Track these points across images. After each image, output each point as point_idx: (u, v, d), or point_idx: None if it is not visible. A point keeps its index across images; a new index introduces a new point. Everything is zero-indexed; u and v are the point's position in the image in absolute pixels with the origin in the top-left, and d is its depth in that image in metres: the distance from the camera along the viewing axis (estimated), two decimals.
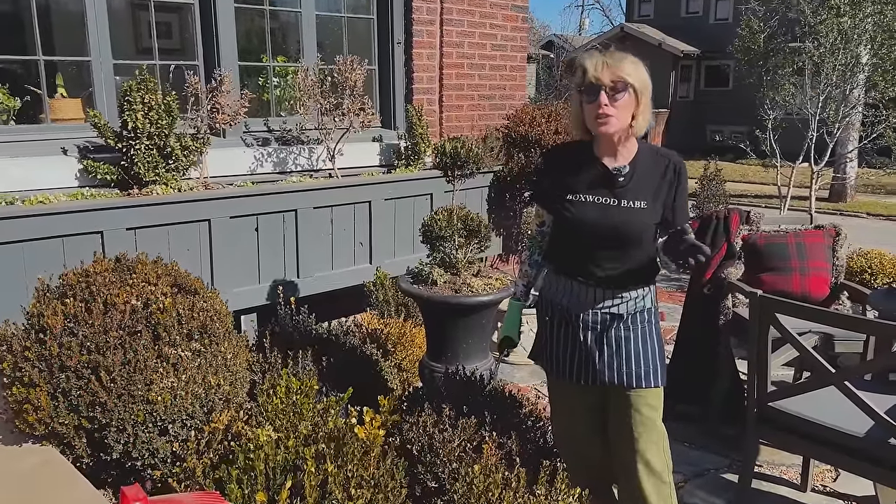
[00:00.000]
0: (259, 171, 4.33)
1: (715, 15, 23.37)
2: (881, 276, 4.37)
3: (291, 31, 4.86)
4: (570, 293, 2.18)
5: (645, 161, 2.11)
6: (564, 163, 2.20)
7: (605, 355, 2.14)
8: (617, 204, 2.08)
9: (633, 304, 2.15)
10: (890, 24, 6.64)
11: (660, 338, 2.19)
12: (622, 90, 1.97)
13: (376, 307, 4.34)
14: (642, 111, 2.03)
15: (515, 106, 5.67)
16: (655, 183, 2.09)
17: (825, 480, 3.25)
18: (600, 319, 2.15)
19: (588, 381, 2.18)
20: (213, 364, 2.69)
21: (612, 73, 1.97)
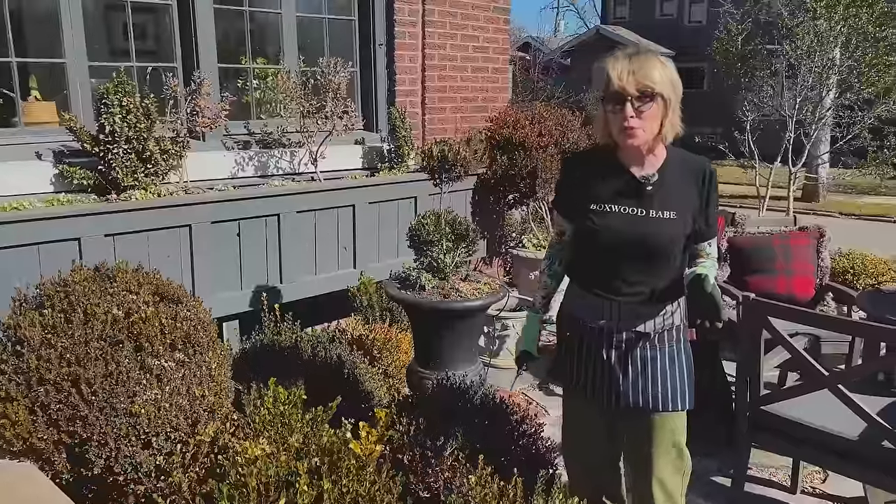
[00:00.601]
0: (240, 174, 4.25)
1: (689, 17, 23.61)
2: (864, 276, 4.40)
3: (271, 32, 4.78)
4: (593, 308, 2.06)
5: (674, 168, 1.98)
6: (587, 169, 2.08)
7: (630, 376, 2.01)
8: (645, 214, 1.95)
9: (661, 321, 2.01)
10: (864, 26, 6.73)
11: (689, 357, 2.06)
12: (649, 100, 1.84)
13: (361, 312, 4.28)
14: (671, 117, 1.90)
15: (498, 108, 5.65)
16: (685, 191, 1.96)
17: (814, 482, 3.26)
18: (625, 338, 2.02)
19: (609, 403, 2.06)
20: (198, 374, 2.62)
21: (637, 81, 1.83)
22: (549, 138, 4.91)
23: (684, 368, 2.02)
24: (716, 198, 2.00)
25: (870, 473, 2.51)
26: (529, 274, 5.08)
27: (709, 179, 1.97)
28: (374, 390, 3.29)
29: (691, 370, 2.04)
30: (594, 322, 2.05)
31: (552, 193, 5.24)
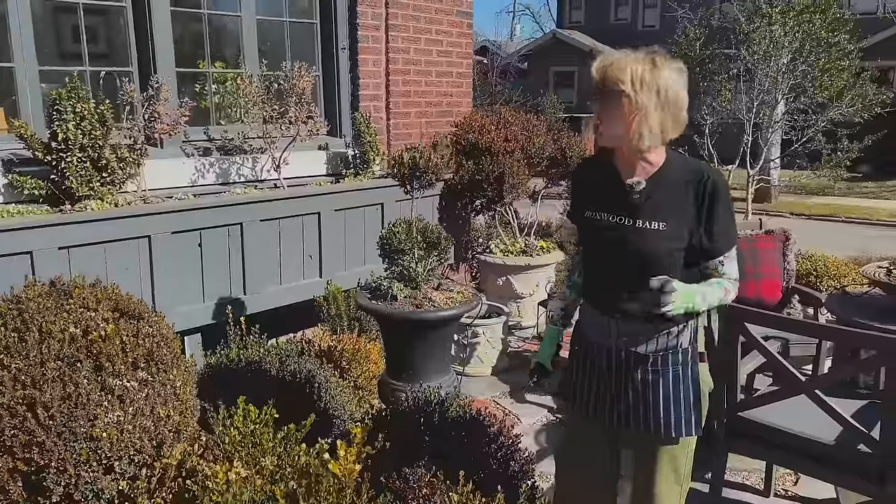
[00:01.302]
0: (201, 182, 4.11)
1: (643, 22, 24.00)
2: (826, 278, 4.48)
3: (230, 36, 4.65)
4: (597, 324, 1.99)
5: (670, 176, 1.85)
6: (588, 176, 2.04)
7: (631, 398, 1.93)
8: (632, 224, 1.86)
9: (664, 341, 1.91)
10: (817, 32, 6.89)
11: (696, 381, 1.93)
12: (611, 99, 1.77)
13: (328, 322, 4.18)
14: (642, 121, 1.76)
15: (463, 113, 5.60)
16: (679, 202, 1.83)
17: (786, 484, 3.28)
18: (624, 359, 1.94)
19: (611, 423, 1.98)
20: (162, 394, 2.50)
21: (605, 80, 1.77)
22: (515, 143, 4.88)
23: (690, 393, 1.91)
24: (722, 212, 1.82)
25: (844, 477, 2.52)
26: (497, 279, 5.04)
27: (710, 191, 1.81)
28: (345, 404, 3.20)
29: (699, 395, 1.93)
30: (597, 339, 1.99)
31: (520, 198, 5.23)
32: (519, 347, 4.85)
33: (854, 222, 11.76)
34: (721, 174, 1.91)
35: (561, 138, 5.20)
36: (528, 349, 4.84)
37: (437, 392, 2.90)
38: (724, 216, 1.84)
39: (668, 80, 1.78)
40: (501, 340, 4.41)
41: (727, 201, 1.84)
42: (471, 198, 5.06)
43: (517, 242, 5.12)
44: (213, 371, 3.18)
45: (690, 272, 1.88)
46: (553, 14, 30.46)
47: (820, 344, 3.35)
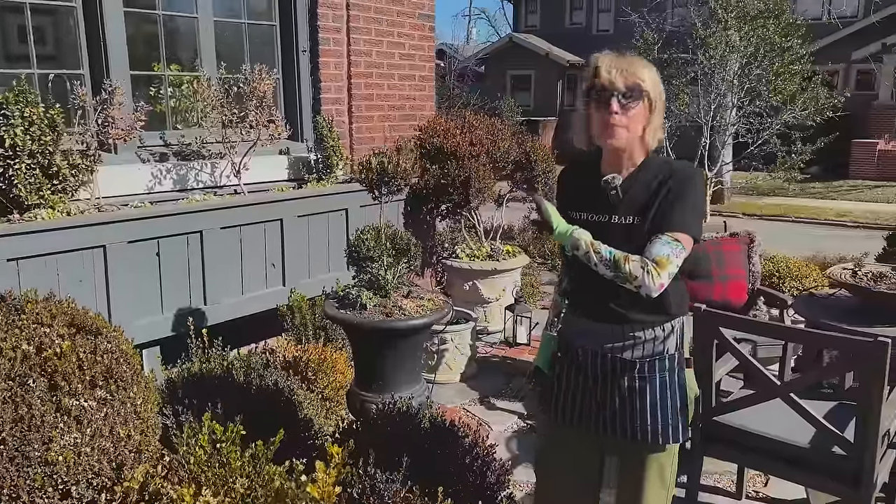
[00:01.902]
0: (157, 189, 3.97)
1: (597, 26, 24.30)
2: (789, 279, 4.54)
3: (186, 38, 4.51)
4: (581, 330, 1.97)
5: (648, 171, 1.86)
6: (572, 178, 2.03)
7: (617, 405, 1.90)
8: (607, 219, 1.86)
9: (650, 347, 1.88)
10: (771, 37, 7.03)
11: (683, 388, 1.92)
12: (636, 98, 1.76)
13: (292, 331, 4.07)
14: (654, 123, 1.81)
15: (426, 116, 5.55)
16: (648, 196, 1.83)
17: (756, 486, 3.30)
18: (610, 366, 1.90)
19: (596, 431, 1.95)
20: (122, 413, 2.38)
21: (626, 77, 1.75)
22: (480, 147, 4.84)
23: (677, 399, 1.90)
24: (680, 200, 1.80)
25: (818, 479, 2.53)
26: (464, 284, 4.99)
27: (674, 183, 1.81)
28: (313, 417, 3.11)
29: (685, 401, 1.92)
30: (583, 344, 1.96)
31: (486, 202, 5.19)
32: (487, 353, 4.81)
33: (803, 222, 12.07)
34: (697, 171, 1.90)
35: (525, 142, 5.19)
36: (496, 354, 4.80)
37: (408, 403, 2.84)
38: (679, 205, 1.81)
39: (660, 83, 1.83)
40: (470, 346, 4.36)
41: (691, 195, 1.82)
42: (436, 202, 5.00)
43: (483, 247, 5.08)
44: (174, 386, 3.05)
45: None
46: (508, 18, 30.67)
47: (786, 346, 3.38)
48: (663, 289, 1.77)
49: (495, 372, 4.52)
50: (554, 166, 5.25)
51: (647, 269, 1.74)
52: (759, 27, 6.91)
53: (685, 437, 1.93)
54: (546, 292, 6.27)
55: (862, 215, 13.05)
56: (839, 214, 13.18)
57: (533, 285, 5.79)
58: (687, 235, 1.80)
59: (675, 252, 1.76)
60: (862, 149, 16.92)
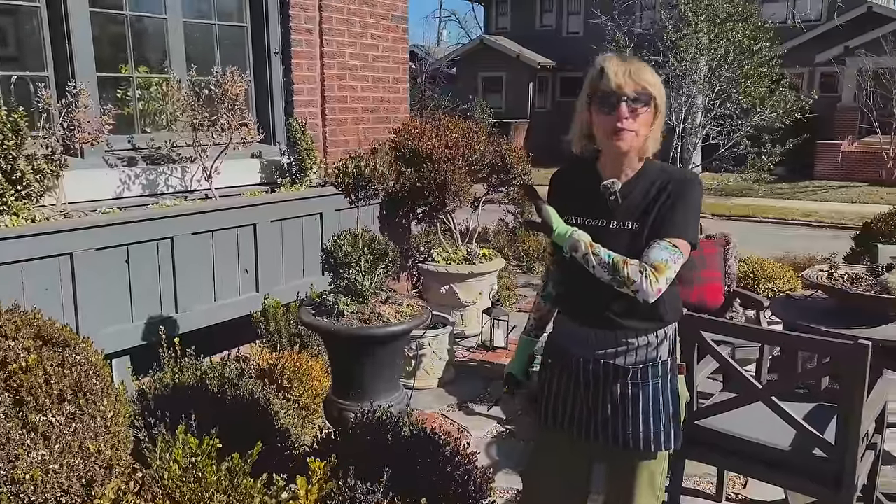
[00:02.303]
0: (126, 194, 3.87)
1: (567, 29, 24.44)
2: (763, 280, 4.58)
3: (155, 39, 4.40)
4: (572, 335, 1.94)
5: (647, 177, 1.84)
6: (567, 182, 1.99)
7: (609, 411, 1.87)
8: (606, 224, 1.84)
9: (643, 353, 1.86)
10: (740, 40, 7.11)
11: (675, 393, 1.90)
12: (645, 102, 1.75)
13: (266, 338, 4.00)
14: (656, 128, 1.80)
15: (400, 119, 5.50)
16: (649, 202, 1.81)
17: (736, 488, 3.30)
18: (602, 372, 1.88)
19: (588, 438, 1.92)
20: (92, 427, 2.29)
21: (635, 81, 1.73)
22: (456, 150, 4.80)
23: (669, 406, 1.88)
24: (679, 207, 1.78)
25: (796, 480, 2.53)
26: (440, 288, 4.95)
27: (674, 189, 1.79)
28: (290, 427, 3.04)
29: (678, 408, 1.91)
30: (575, 350, 1.93)
31: (462, 205, 5.16)
32: (464, 357, 4.77)
33: (771, 222, 12.27)
34: (695, 177, 1.87)
35: (501, 145, 5.17)
36: (474, 358, 4.77)
37: (388, 411, 2.79)
38: (679, 211, 1.79)
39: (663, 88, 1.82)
40: (448, 351, 4.32)
41: (690, 201, 1.81)
42: (412, 206, 4.95)
43: (460, 250, 5.05)
44: (146, 397, 2.96)
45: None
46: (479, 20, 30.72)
47: (762, 347, 3.40)
48: (660, 294, 1.74)
49: (473, 376, 4.49)
50: (529, 169, 5.25)
51: (645, 273, 1.71)
52: (729, 30, 6.99)
53: (677, 445, 1.90)
54: (522, 295, 6.26)
55: (827, 215, 13.31)
56: (805, 214, 13.42)
57: (509, 288, 5.77)
58: (685, 241, 1.78)
59: (673, 258, 1.75)
60: (826, 150, 17.25)
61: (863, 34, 17.30)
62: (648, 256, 1.74)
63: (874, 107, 16.17)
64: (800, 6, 19.32)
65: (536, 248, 7.35)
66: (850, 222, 12.23)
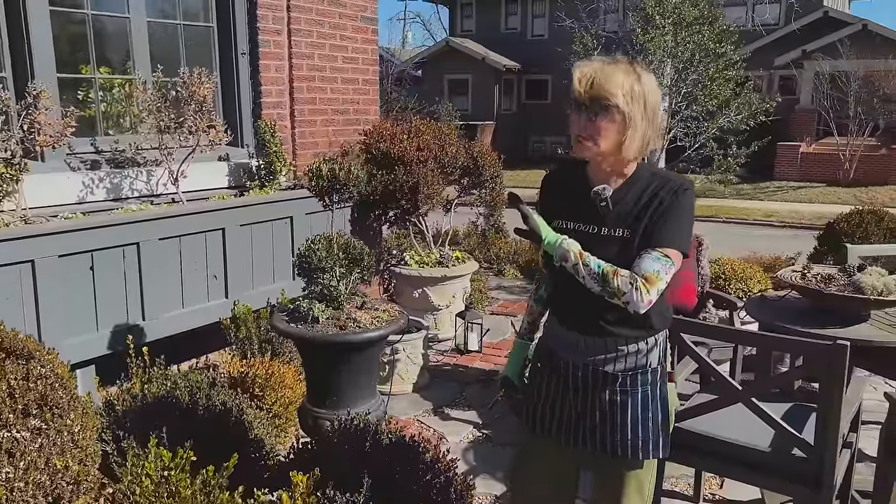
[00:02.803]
0: (89, 199, 3.74)
1: (532, 32, 24.58)
2: (734, 280, 4.63)
3: (117, 39, 4.28)
4: (562, 340, 1.91)
5: (639, 183, 1.80)
6: (558, 184, 1.95)
7: (598, 418, 1.84)
8: (597, 231, 1.80)
9: (633, 360, 1.83)
10: (706, 43, 7.21)
11: (664, 402, 1.87)
12: (602, 111, 1.70)
13: (236, 345, 3.91)
14: (633, 134, 1.72)
15: (370, 121, 5.44)
16: (641, 210, 1.77)
17: (713, 488, 3.32)
18: (591, 378, 1.85)
19: (576, 445, 1.89)
20: (59, 442, 2.20)
21: (594, 90, 1.69)
22: (428, 152, 4.76)
23: (658, 414, 1.85)
24: (671, 215, 1.74)
25: (776, 481, 2.54)
26: (413, 292, 4.91)
27: (666, 196, 1.75)
28: (264, 437, 2.96)
29: (667, 416, 1.88)
30: (565, 356, 1.90)
31: (435, 208, 5.12)
32: (438, 361, 4.73)
33: (734, 222, 12.47)
34: (688, 184, 1.82)
35: (473, 147, 5.14)
36: (448, 363, 4.73)
37: (365, 419, 2.74)
38: (671, 220, 1.75)
39: (652, 91, 1.76)
40: (422, 356, 4.28)
41: (683, 210, 1.76)
42: (384, 209, 4.90)
43: (432, 253, 5.01)
44: (113, 409, 2.87)
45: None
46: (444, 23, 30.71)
47: (736, 347, 3.43)
48: (651, 305, 1.72)
49: (448, 381, 4.45)
50: (501, 171, 5.23)
51: (635, 285, 1.68)
52: (695, 33, 7.07)
53: (665, 453, 1.88)
54: (494, 298, 6.25)
55: (787, 215, 13.59)
56: (766, 215, 13.68)
57: (481, 291, 5.75)
58: (677, 251, 1.75)
59: (664, 268, 1.72)
60: (786, 151, 17.62)
61: (819, 38, 17.73)
62: (639, 267, 1.71)
63: (831, 109, 16.57)
64: (759, 10, 19.72)
65: (507, 250, 7.34)
66: (808, 222, 12.50)
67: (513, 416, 3.78)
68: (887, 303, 2.87)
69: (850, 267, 3.07)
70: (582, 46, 8.06)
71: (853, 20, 18.34)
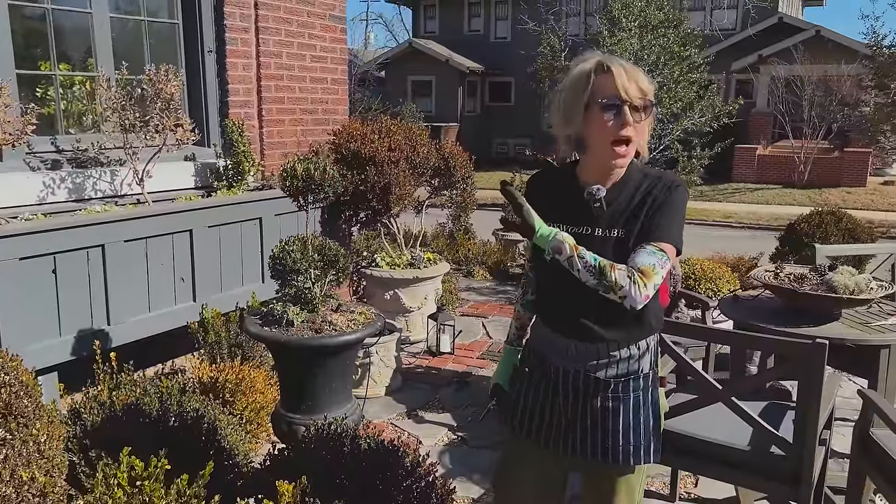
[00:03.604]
0: (51, 199, 3.61)
1: (495, 34, 24.66)
2: (704, 280, 4.68)
3: (78, 34, 4.14)
4: (551, 345, 1.87)
5: (631, 183, 1.77)
6: (546, 188, 1.90)
7: (589, 424, 1.81)
8: (590, 233, 1.75)
9: (625, 366, 1.79)
10: (671, 46, 7.30)
11: (656, 406, 1.84)
12: (646, 110, 1.67)
13: (205, 349, 3.81)
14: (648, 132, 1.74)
15: (339, 121, 5.37)
16: (635, 208, 1.74)
17: (687, 486, 3.34)
18: (581, 384, 1.81)
19: (565, 451, 1.85)
20: (24, 453, 2.11)
21: (642, 88, 1.65)
22: (399, 153, 4.71)
23: (650, 419, 1.82)
24: (664, 211, 1.72)
25: (754, 479, 2.56)
26: (385, 294, 4.85)
27: (660, 193, 1.73)
28: (237, 444, 2.89)
29: (658, 421, 1.85)
30: (554, 361, 1.86)
31: (406, 209, 5.07)
32: (410, 364, 4.69)
33: (695, 223, 12.68)
34: (681, 183, 1.81)
35: (444, 147, 5.11)
36: (420, 365, 4.69)
37: (342, 424, 2.68)
38: (665, 215, 1.72)
39: None
40: (395, 358, 4.23)
41: (676, 206, 1.74)
42: (355, 210, 4.84)
43: (404, 254, 4.96)
44: (80, 417, 2.76)
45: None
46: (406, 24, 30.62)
47: (709, 346, 3.45)
48: (648, 300, 1.68)
49: (420, 383, 4.41)
50: (472, 172, 5.22)
51: (633, 278, 1.63)
52: (660, 36, 7.16)
53: (657, 459, 1.85)
54: (465, 299, 6.23)
55: (746, 216, 13.88)
56: (726, 216, 13.95)
57: (451, 292, 5.72)
58: (671, 245, 1.72)
59: (660, 262, 1.68)
60: (744, 153, 17.99)
61: (775, 43, 18.15)
62: (635, 261, 1.67)
63: (786, 113, 16.97)
64: (717, 16, 20.11)
65: (476, 251, 7.34)
66: (766, 223, 12.79)
67: (492, 421, 3.76)
68: (859, 301, 2.92)
69: (822, 266, 3.12)
70: (549, 48, 8.10)
71: (807, 26, 18.82)
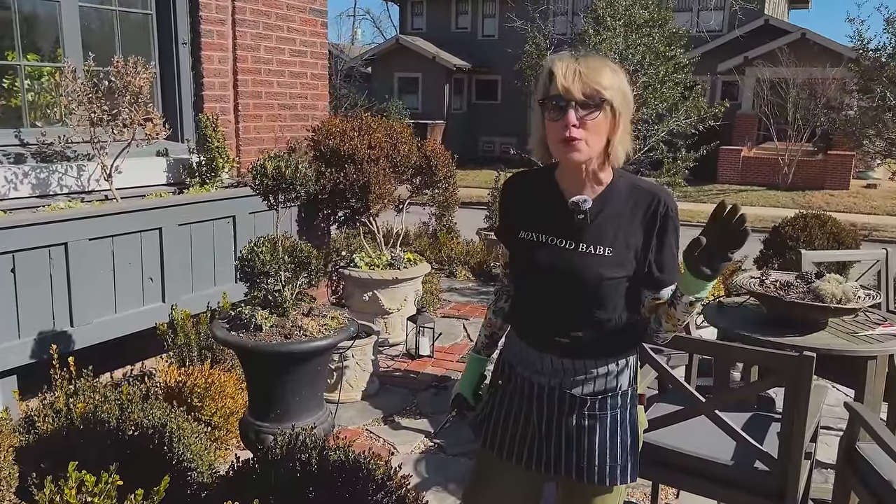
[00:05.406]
0: (13, 195, 3.47)
1: (483, 32, 24.57)
2: None
3: (46, 24, 3.99)
4: (525, 358, 1.76)
5: (619, 196, 1.65)
6: (524, 192, 1.78)
7: (563, 443, 1.70)
8: (573, 247, 1.64)
9: (603, 382, 1.69)
10: (656, 46, 7.23)
11: (634, 424, 1.73)
12: (596, 108, 1.54)
13: (174, 352, 3.68)
14: (621, 134, 1.59)
15: (319, 117, 5.24)
16: (627, 225, 1.63)
17: (668, 498, 3.26)
18: (557, 401, 1.70)
19: (538, 469, 1.75)
20: None
21: (585, 83, 1.53)
22: (379, 151, 4.59)
23: (628, 438, 1.72)
24: (675, 240, 1.65)
25: (738, 495, 2.47)
26: (363, 295, 4.74)
27: (662, 217, 1.63)
28: (202, 453, 2.76)
29: (636, 439, 1.75)
30: (528, 375, 1.75)
31: (387, 208, 4.96)
32: (388, 367, 4.58)
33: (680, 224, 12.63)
34: (672, 197, 1.70)
35: (426, 145, 5.00)
36: (399, 368, 4.58)
37: (312, 434, 2.57)
38: (674, 243, 1.65)
39: (627, 87, 1.62)
40: (371, 362, 4.12)
41: (678, 228, 1.66)
42: (333, 208, 4.71)
43: (383, 255, 4.85)
44: (34, 425, 2.63)
45: (633, 301, 1.68)
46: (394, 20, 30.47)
47: (691, 355, 3.37)
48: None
49: (398, 387, 4.30)
50: (455, 171, 5.11)
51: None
52: (645, 36, 7.09)
53: (634, 478, 1.75)
54: (446, 300, 6.12)
55: None
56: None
57: (432, 293, 5.62)
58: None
59: None
60: (728, 155, 18.02)
61: (761, 45, 18.19)
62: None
63: (771, 115, 17.00)
64: (703, 17, 20.13)
65: (459, 251, 7.23)
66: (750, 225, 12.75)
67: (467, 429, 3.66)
68: (846, 311, 2.84)
69: (808, 274, 3.04)
70: (535, 46, 8.01)
71: (793, 29, 18.88)
